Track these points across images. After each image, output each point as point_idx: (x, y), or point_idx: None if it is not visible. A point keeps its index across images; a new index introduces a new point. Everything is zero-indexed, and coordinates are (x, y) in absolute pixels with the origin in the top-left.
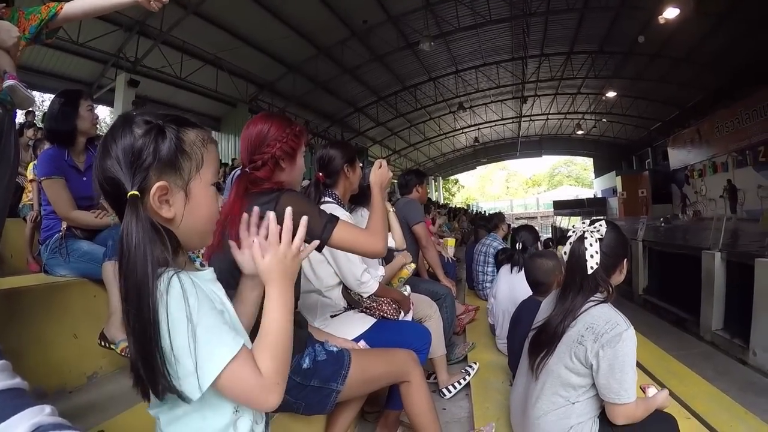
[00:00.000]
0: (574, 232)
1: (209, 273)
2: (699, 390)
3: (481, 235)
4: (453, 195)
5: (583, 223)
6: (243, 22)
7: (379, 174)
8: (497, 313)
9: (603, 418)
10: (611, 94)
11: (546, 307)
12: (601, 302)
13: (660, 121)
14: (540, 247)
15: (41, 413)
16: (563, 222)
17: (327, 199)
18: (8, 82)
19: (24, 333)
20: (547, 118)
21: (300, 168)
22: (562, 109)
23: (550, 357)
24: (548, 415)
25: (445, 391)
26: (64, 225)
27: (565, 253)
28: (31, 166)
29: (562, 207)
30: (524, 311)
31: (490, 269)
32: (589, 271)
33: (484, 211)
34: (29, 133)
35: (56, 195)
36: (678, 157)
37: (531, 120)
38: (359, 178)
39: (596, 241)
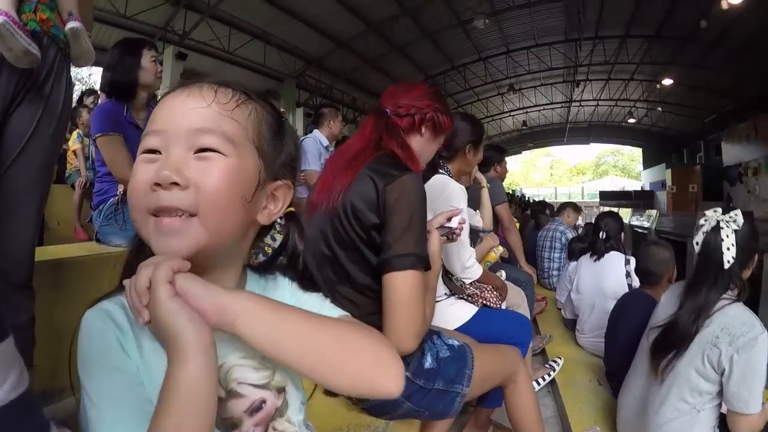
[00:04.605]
0: (706, 221)
1: None
2: None
3: (542, 221)
4: None
5: (715, 211)
6: None
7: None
8: (581, 307)
9: (722, 428)
10: (667, 81)
11: (668, 302)
12: (734, 301)
13: (715, 113)
14: (623, 237)
15: None
16: None
17: (441, 171)
18: (72, 24)
19: (71, 308)
20: (597, 104)
21: (429, 156)
22: (613, 96)
23: (680, 359)
24: (672, 423)
25: None
26: (120, 188)
27: (696, 243)
28: (74, 134)
29: (609, 198)
30: (630, 305)
31: (556, 255)
32: (726, 266)
33: (530, 198)
34: (89, 100)
35: (113, 154)
36: (732, 153)
37: (581, 105)
38: (477, 163)
39: (732, 233)
